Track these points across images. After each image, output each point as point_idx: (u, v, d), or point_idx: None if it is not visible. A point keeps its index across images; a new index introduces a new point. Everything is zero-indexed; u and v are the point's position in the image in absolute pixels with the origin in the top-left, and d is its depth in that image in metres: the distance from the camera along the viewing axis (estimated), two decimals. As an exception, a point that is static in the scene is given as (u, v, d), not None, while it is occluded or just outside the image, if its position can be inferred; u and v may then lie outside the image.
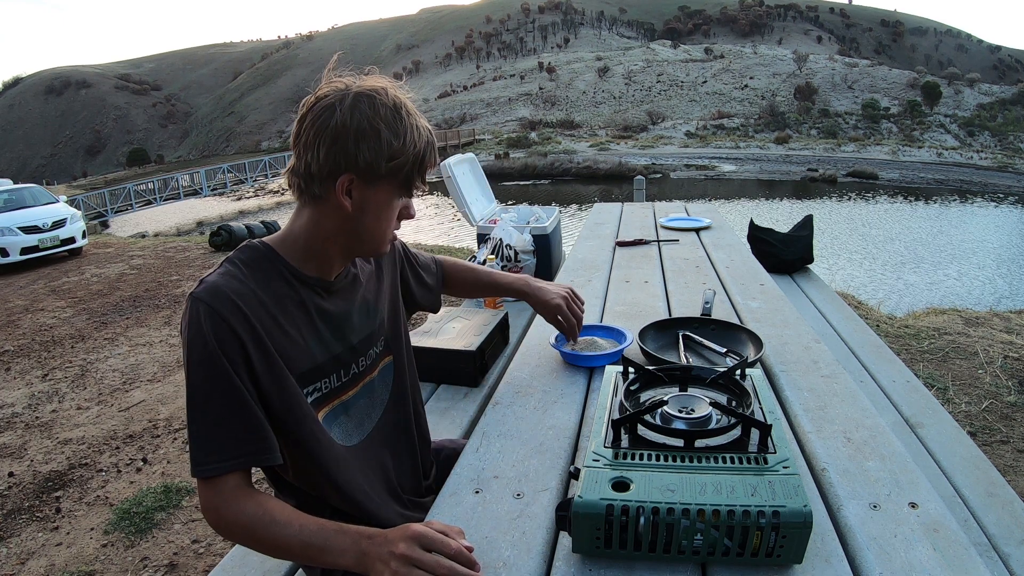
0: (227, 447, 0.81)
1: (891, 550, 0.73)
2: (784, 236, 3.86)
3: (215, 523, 0.83)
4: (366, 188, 0.87)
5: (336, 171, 0.85)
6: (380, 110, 0.84)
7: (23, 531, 2.43)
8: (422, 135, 0.88)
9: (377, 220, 0.91)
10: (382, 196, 0.89)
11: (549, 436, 1.03)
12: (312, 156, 0.84)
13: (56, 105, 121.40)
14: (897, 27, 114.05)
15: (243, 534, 0.81)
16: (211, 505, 0.82)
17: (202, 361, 0.82)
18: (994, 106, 48.81)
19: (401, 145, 0.85)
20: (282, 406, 0.88)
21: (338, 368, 0.98)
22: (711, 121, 47.69)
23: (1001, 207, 19.63)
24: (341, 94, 0.84)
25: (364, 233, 0.92)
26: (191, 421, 0.83)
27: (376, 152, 0.84)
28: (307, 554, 0.80)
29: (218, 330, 0.82)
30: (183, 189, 22.46)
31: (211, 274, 0.87)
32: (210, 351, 0.81)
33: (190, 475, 0.86)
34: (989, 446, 2.51)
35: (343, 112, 0.83)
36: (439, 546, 0.72)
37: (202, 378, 0.82)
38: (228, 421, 0.82)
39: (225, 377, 0.82)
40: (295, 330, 0.91)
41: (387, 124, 0.84)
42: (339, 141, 0.83)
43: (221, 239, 8.31)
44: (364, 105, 0.84)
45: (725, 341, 1.33)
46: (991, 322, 4.07)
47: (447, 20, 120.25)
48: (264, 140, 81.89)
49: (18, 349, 4.70)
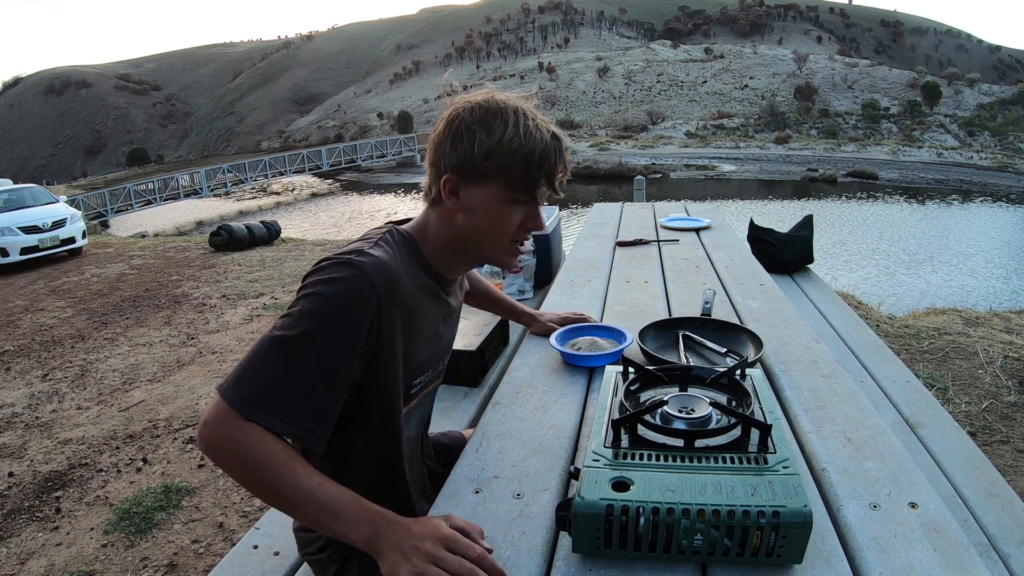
0: (283, 408, 0.76)
1: (891, 550, 0.73)
2: (784, 236, 3.86)
3: (214, 442, 0.76)
4: (471, 188, 0.89)
5: (440, 172, 0.90)
6: (478, 112, 0.88)
7: (23, 531, 2.43)
8: (533, 136, 0.87)
9: (486, 222, 0.91)
10: (488, 196, 0.89)
11: (549, 436, 1.03)
12: (426, 162, 0.92)
13: (56, 105, 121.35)
14: (897, 27, 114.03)
15: (244, 467, 0.75)
16: (219, 424, 0.75)
17: (328, 320, 0.78)
18: (994, 106, 48.79)
19: (497, 142, 0.86)
20: (384, 393, 0.88)
21: (435, 364, 1.02)
22: (711, 121, 47.68)
23: (1001, 207, 19.62)
24: (452, 106, 0.89)
25: (475, 235, 0.92)
26: (262, 356, 0.77)
27: (469, 149, 0.87)
28: (314, 515, 0.76)
29: (365, 305, 0.80)
30: (183, 189, 22.47)
31: (366, 246, 0.86)
32: (342, 318, 0.78)
33: (216, 388, 0.78)
34: (989, 446, 2.51)
35: (447, 120, 0.89)
36: (464, 549, 0.72)
37: (314, 334, 0.77)
38: (306, 388, 0.77)
39: (337, 351, 0.79)
40: (426, 322, 0.94)
41: (483, 124, 0.87)
42: (441, 144, 0.89)
43: (221, 239, 8.31)
44: (464, 111, 0.88)
45: (725, 341, 1.33)
46: (991, 322, 4.07)
47: (447, 20, 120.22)
48: (264, 140, 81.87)
49: (18, 349, 4.70)
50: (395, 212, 20.01)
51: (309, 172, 28.79)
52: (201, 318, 5.14)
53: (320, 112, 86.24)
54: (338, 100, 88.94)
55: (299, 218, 19.95)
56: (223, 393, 0.76)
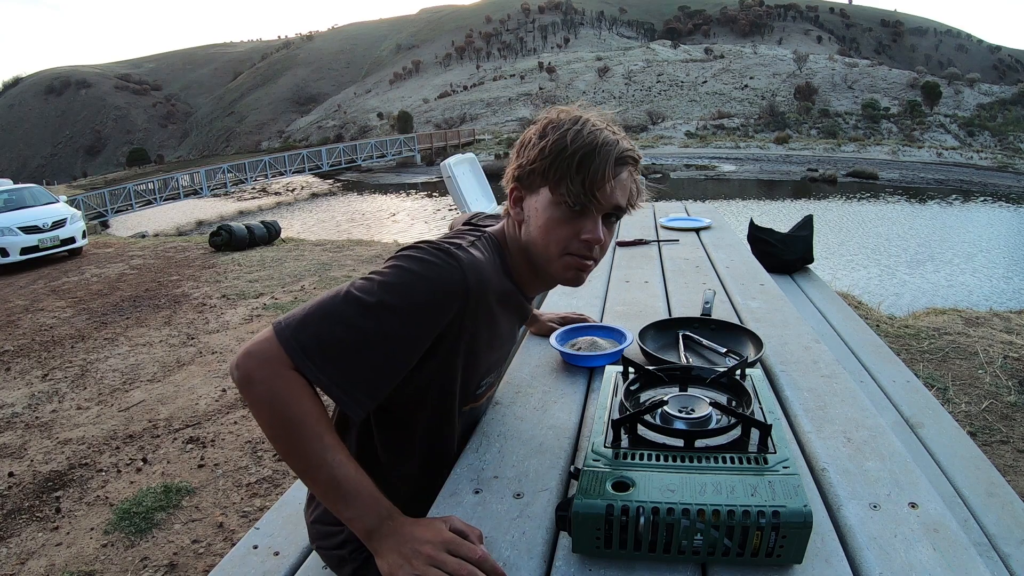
0: (338, 369, 0.74)
1: (891, 550, 0.73)
2: (784, 236, 3.86)
3: (253, 377, 0.73)
4: (529, 197, 0.90)
5: (508, 183, 0.93)
6: (543, 122, 0.89)
7: (23, 531, 2.43)
8: (579, 140, 0.84)
9: (537, 230, 0.89)
10: (539, 203, 0.89)
11: (549, 436, 1.03)
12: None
13: (56, 105, 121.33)
14: (897, 27, 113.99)
15: (273, 417, 0.73)
16: (265, 362, 0.73)
17: (413, 299, 0.77)
18: (994, 106, 48.77)
19: (546, 144, 0.85)
20: (448, 389, 0.89)
21: (496, 371, 1.03)
22: (711, 121, 47.65)
23: (1002, 207, 19.62)
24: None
25: (532, 245, 0.91)
26: (332, 310, 0.75)
27: (525, 156, 0.89)
28: (325, 491, 0.75)
29: (453, 298, 0.79)
30: (183, 189, 22.46)
31: (465, 243, 0.86)
32: (428, 303, 0.78)
33: (273, 325, 0.74)
34: (989, 446, 2.51)
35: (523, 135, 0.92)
36: (466, 552, 0.72)
37: (394, 307, 0.76)
38: (366, 356, 0.76)
39: (409, 333, 0.78)
40: (502, 330, 0.95)
41: (541, 133, 0.87)
42: (512, 158, 0.92)
43: (221, 239, 8.31)
44: (535, 123, 0.90)
45: (725, 341, 1.33)
46: (991, 322, 4.07)
47: (447, 20, 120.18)
48: (264, 140, 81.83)
49: (18, 349, 4.70)
50: (396, 212, 20.00)
51: (309, 172, 28.79)
52: (201, 318, 5.14)
53: (320, 112, 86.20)
54: (338, 100, 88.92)
55: (299, 218, 19.94)
56: (279, 333, 0.73)
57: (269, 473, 2.69)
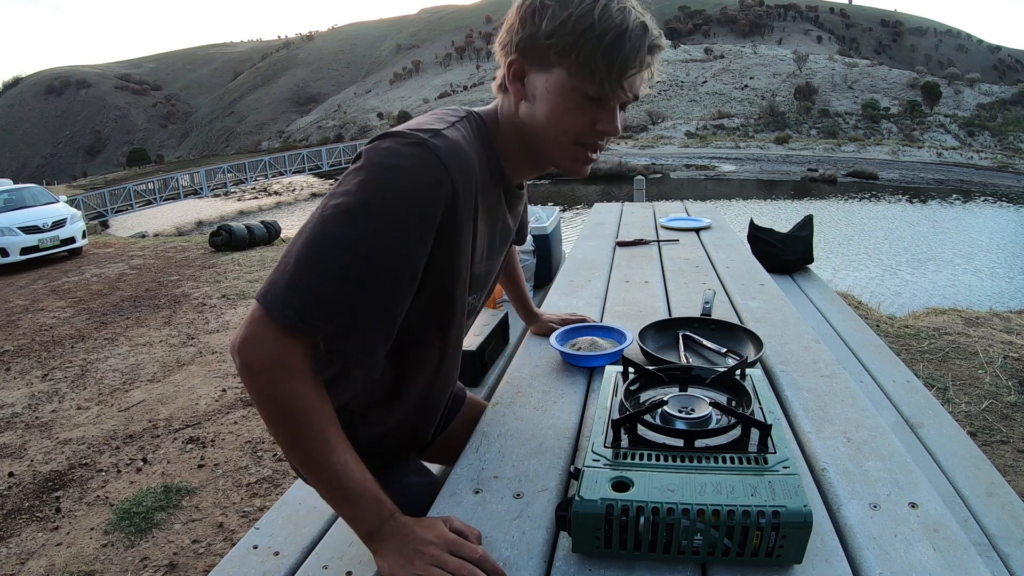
0: (342, 325, 0.67)
1: (891, 550, 0.73)
2: (784, 236, 3.86)
3: (255, 367, 0.67)
4: (537, 73, 0.77)
5: (508, 54, 0.79)
6: None
7: (23, 531, 2.43)
8: (609, 18, 0.72)
9: (547, 114, 0.78)
10: (551, 84, 0.76)
11: (549, 436, 1.03)
12: (497, 44, 0.80)
13: (56, 105, 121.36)
14: (897, 27, 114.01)
15: (274, 411, 0.69)
16: (260, 344, 0.66)
17: (392, 218, 0.67)
18: (994, 106, 48.79)
19: (564, 19, 0.72)
20: (445, 307, 0.79)
21: (486, 285, 0.92)
22: (711, 121, 47.67)
23: (1002, 206, 19.63)
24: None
25: (537, 128, 0.80)
26: (316, 261, 0.65)
27: (536, 27, 0.74)
28: (328, 490, 0.73)
29: (437, 194, 0.69)
30: (183, 189, 22.48)
31: (441, 125, 0.74)
32: (412, 215, 0.68)
33: (257, 298, 0.67)
34: (989, 446, 2.51)
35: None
36: (467, 552, 0.72)
37: (375, 233, 0.67)
38: (366, 302, 0.68)
39: (404, 252, 0.69)
40: (486, 227, 0.82)
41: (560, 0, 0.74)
42: (512, 23, 0.78)
43: (221, 239, 8.31)
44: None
45: (725, 341, 1.33)
46: (991, 322, 4.07)
47: (447, 20, 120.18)
48: (264, 140, 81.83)
49: (18, 349, 4.70)
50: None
51: (309, 172, 28.80)
52: (201, 318, 5.14)
53: (320, 112, 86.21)
54: (338, 100, 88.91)
55: (299, 218, 19.95)
56: (269, 307, 0.66)
57: (269, 473, 2.69)
